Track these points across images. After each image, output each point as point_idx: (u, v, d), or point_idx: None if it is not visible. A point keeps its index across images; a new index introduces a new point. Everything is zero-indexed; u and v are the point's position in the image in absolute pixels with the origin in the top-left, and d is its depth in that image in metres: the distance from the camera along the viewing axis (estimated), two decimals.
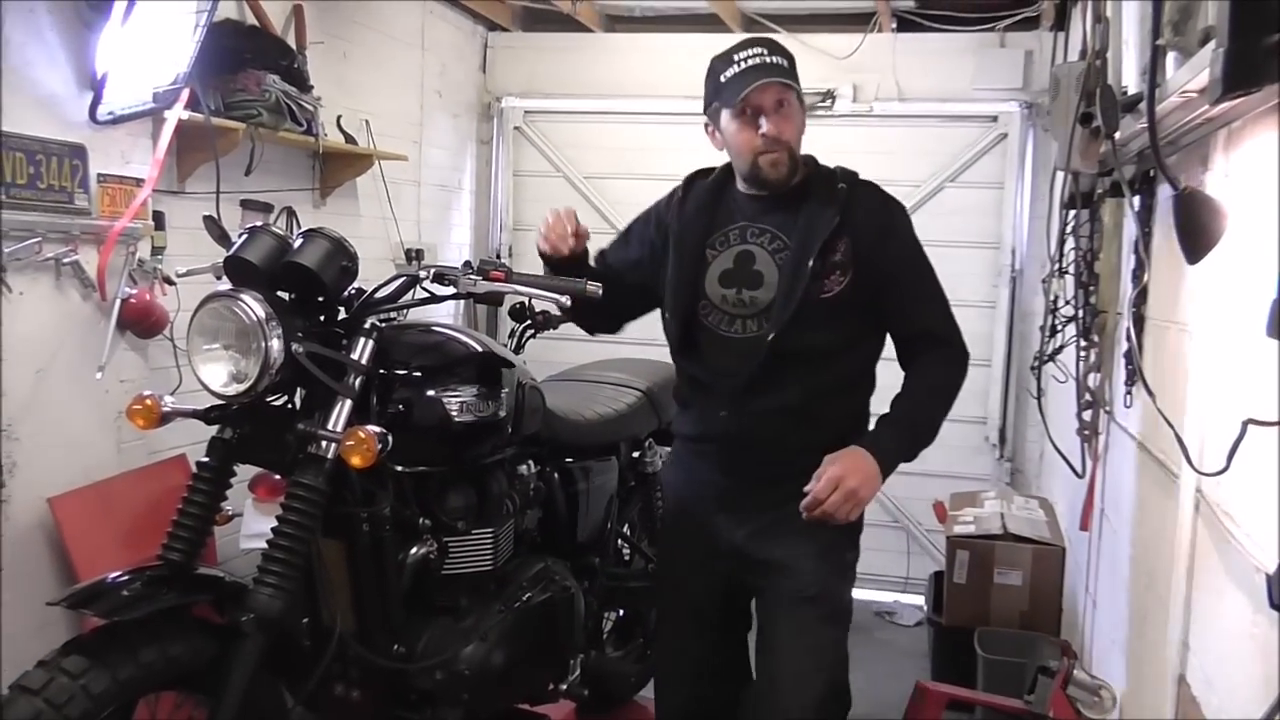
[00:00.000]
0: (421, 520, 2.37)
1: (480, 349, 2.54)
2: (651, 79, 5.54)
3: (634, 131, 5.68)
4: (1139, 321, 2.49)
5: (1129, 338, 2.52)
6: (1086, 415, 3.08)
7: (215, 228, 2.31)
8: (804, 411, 2.28)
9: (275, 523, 2.08)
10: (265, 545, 2.07)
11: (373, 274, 2.28)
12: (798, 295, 2.23)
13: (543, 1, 5.50)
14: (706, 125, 2.37)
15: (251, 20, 3.91)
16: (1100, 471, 3.13)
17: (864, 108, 5.41)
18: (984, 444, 5.39)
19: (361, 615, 2.30)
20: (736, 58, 2.24)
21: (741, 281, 2.31)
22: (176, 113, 3.24)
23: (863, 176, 2.38)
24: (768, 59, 2.22)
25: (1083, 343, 3.06)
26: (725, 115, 2.28)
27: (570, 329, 2.84)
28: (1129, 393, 2.64)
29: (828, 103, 5.36)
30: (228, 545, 3.49)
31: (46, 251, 2.94)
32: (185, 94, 3.24)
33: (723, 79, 2.25)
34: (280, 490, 2.92)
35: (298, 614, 2.18)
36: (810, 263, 2.22)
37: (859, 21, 5.39)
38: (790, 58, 2.26)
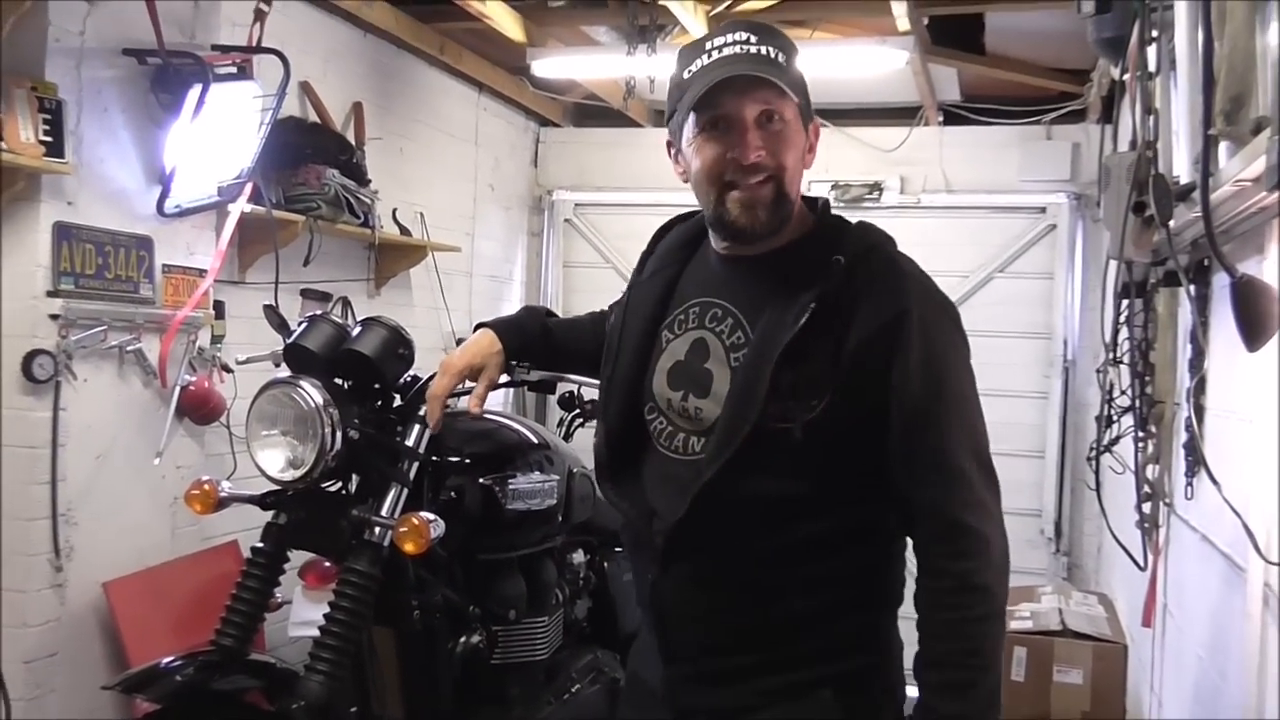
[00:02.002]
0: (472, 608, 2.36)
1: (532, 437, 2.56)
2: None
3: None
4: (1199, 411, 2.45)
5: (1189, 428, 2.48)
6: (1146, 507, 3.02)
7: (275, 316, 2.36)
8: (750, 587, 1.54)
9: (324, 610, 2.08)
10: (316, 632, 2.07)
11: (424, 363, 2.32)
12: (747, 424, 1.48)
13: (593, 98, 5.63)
14: (668, 145, 1.64)
15: (313, 117, 4.05)
16: (1162, 565, 3.05)
17: (911, 199, 5.45)
18: (1039, 537, 5.29)
19: (410, 704, 2.29)
20: (710, 45, 1.53)
21: (690, 383, 1.59)
22: (240, 206, 3.35)
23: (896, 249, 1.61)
24: (753, 48, 1.50)
25: (1140, 433, 3.01)
26: (689, 128, 1.55)
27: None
28: (1189, 484, 2.58)
29: (875, 194, 5.42)
30: (276, 633, 3.49)
31: (111, 339, 3.02)
32: (248, 188, 3.35)
33: (687, 74, 1.54)
34: (329, 578, 2.94)
35: (347, 702, 2.17)
36: (768, 377, 1.47)
37: (905, 115, 5.47)
38: (789, 49, 1.54)
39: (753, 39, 1.51)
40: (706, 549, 1.54)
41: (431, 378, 2.23)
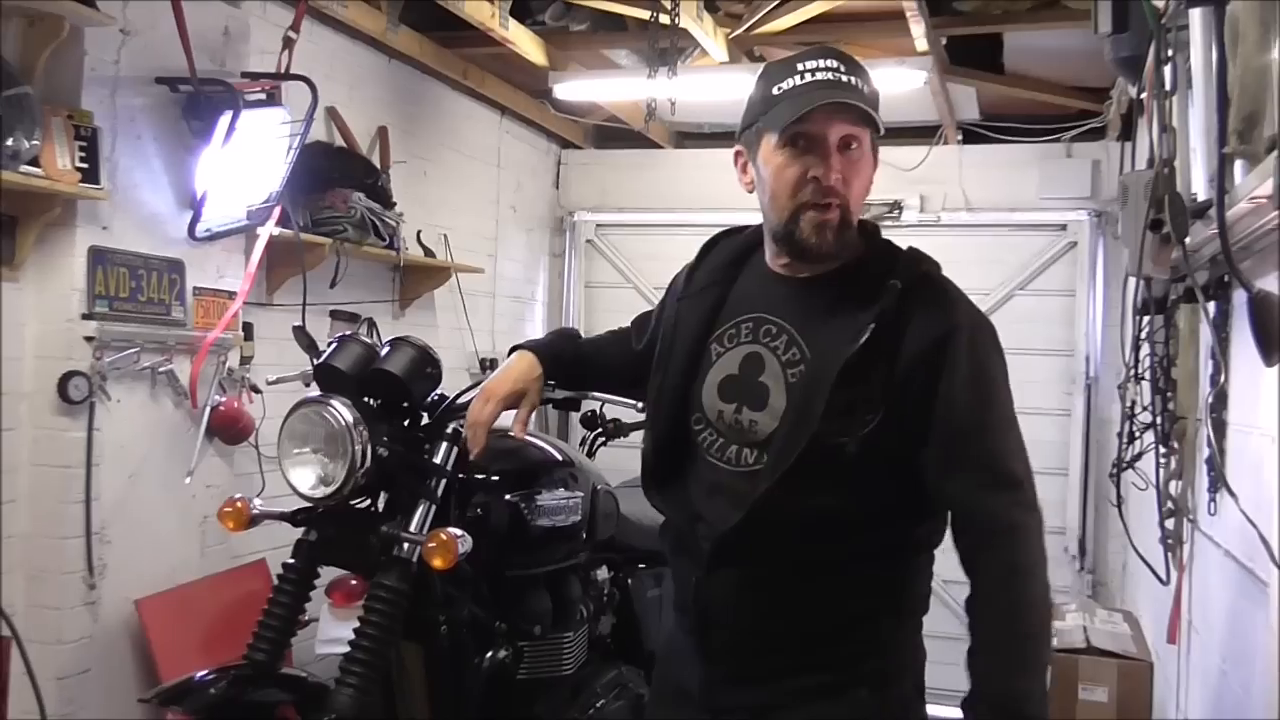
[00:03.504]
0: (498, 624, 2.38)
1: (556, 454, 2.59)
2: (720, 192, 5.59)
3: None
4: (1220, 427, 2.46)
5: (1210, 444, 2.48)
6: (1169, 524, 3.02)
7: (304, 337, 2.40)
8: (793, 592, 1.63)
9: (352, 627, 2.11)
10: (343, 649, 2.09)
11: (448, 384, 2.35)
12: (804, 439, 1.56)
13: (614, 120, 5.69)
14: (737, 154, 1.72)
15: (340, 142, 4.12)
16: (1186, 582, 3.05)
17: (931, 217, 5.47)
18: (1063, 555, 5.27)
19: (437, 719, 2.31)
20: (802, 67, 1.60)
21: (743, 397, 1.66)
22: (268, 229, 3.41)
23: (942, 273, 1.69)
24: (843, 76, 1.58)
25: (1162, 449, 3.02)
26: (769, 143, 1.61)
27: (641, 437, 2.86)
28: (1212, 500, 2.59)
29: (895, 213, 5.44)
30: (303, 650, 3.53)
31: (144, 361, 3.08)
32: (277, 212, 3.41)
33: (776, 90, 1.60)
34: (356, 596, 2.97)
35: (375, 716, 2.19)
36: (827, 394, 1.55)
37: (925, 134, 5.49)
38: (869, 82, 1.62)
39: (842, 68, 1.59)
40: (753, 556, 1.62)
41: (459, 395, 2.28)
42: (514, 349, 2.06)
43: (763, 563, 1.62)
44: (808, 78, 1.58)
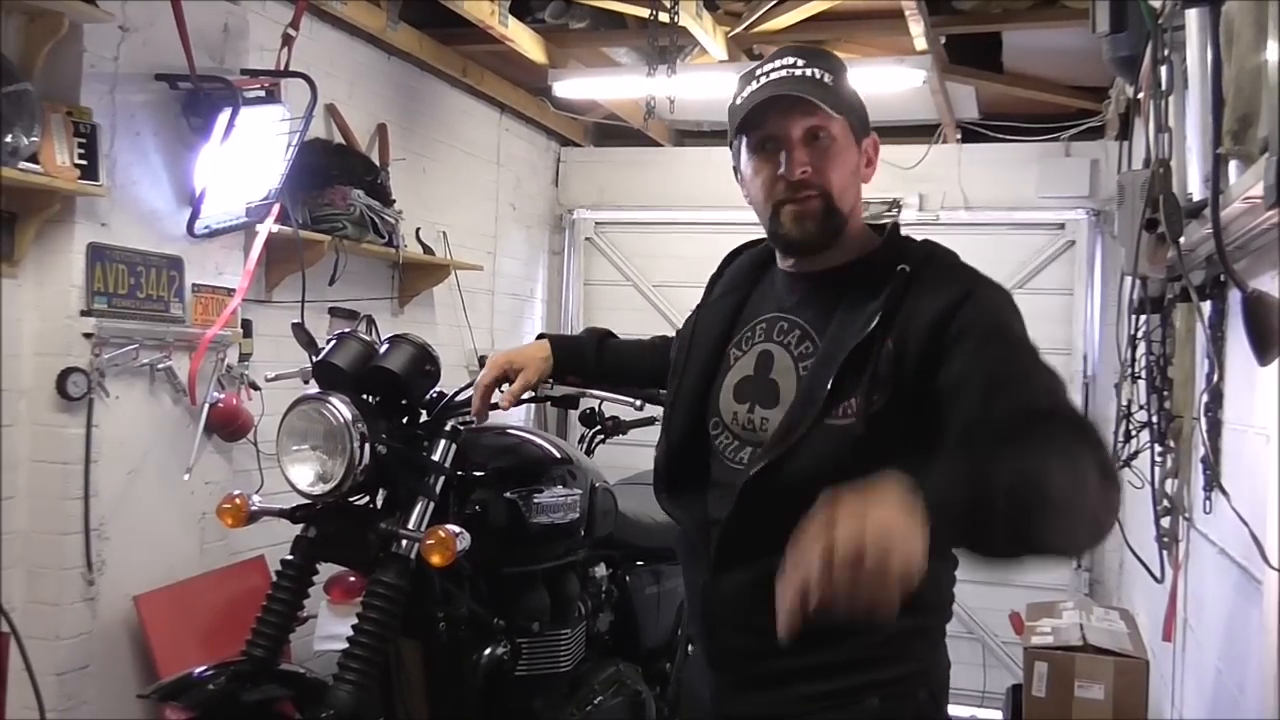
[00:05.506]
0: (496, 621, 2.39)
1: (555, 452, 2.60)
2: (719, 190, 5.60)
3: (702, 241, 5.79)
4: (1215, 426, 2.47)
5: (1205, 443, 2.49)
6: (1165, 522, 3.02)
7: (303, 334, 2.41)
8: None
9: (350, 624, 2.11)
10: (341, 645, 2.10)
11: (446, 381, 2.36)
12: (806, 422, 1.51)
13: (613, 118, 5.69)
14: (735, 170, 1.69)
15: (339, 139, 4.12)
16: (1181, 580, 3.06)
17: (930, 216, 5.47)
18: None
19: (435, 715, 2.32)
20: (760, 70, 1.59)
21: (756, 395, 1.62)
22: (267, 226, 3.41)
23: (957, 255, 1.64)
24: (799, 70, 1.56)
25: (1158, 448, 3.02)
26: (744, 151, 1.63)
27: (640, 434, 2.87)
28: (1208, 498, 2.60)
29: (894, 211, 5.44)
30: (301, 646, 3.54)
31: (142, 358, 3.09)
32: (276, 209, 3.41)
33: (739, 100, 1.60)
34: (354, 593, 2.98)
35: (374, 712, 2.20)
36: (832, 377, 1.50)
37: (924, 133, 5.50)
38: (837, 70, 1.59)
39: (799, 62, 1.57)
40: (758, 550, 1.50)
41: (457, 393, 2.29)
42: (540, 336, 2.10)
43: (766, 557, 1.48)
44: (764, 80, 1.57)
